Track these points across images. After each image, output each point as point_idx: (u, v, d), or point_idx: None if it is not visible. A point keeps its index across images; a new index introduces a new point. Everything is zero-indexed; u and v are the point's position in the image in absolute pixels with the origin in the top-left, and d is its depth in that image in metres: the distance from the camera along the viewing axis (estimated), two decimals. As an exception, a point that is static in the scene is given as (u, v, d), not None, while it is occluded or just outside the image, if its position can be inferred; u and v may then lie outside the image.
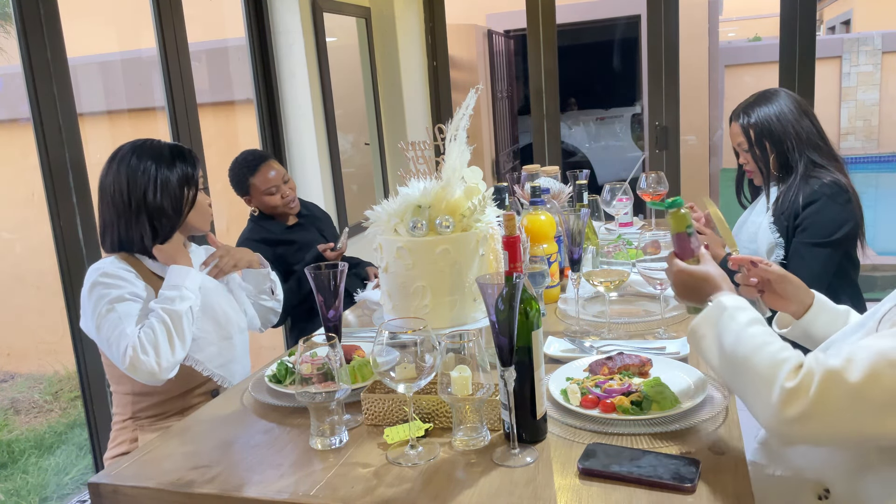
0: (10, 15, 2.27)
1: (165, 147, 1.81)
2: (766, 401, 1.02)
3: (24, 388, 3.88)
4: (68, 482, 3.29)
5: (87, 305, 1.71)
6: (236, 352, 1.89)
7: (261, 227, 2.65)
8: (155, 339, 1.63)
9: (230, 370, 1.86)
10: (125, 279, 1.72)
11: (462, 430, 1.23)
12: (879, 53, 6.72)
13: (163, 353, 1.63)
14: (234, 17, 3.47)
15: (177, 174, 1.78)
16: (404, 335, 1.19)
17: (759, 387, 1.04)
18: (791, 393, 1.00)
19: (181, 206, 1.79)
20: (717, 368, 1.16)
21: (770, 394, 1.02)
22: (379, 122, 4.39)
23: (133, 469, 1.25)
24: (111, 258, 1.77)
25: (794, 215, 2.09)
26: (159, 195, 1.75)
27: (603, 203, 2.70)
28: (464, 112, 1.54)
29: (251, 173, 2.59)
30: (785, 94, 2.19)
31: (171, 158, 1.78)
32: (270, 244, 2.58)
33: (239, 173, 2.62)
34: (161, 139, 1.85)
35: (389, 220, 1.54)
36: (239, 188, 2.65)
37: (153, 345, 1.63)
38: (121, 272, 1.73)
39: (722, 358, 1.14)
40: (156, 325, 1.64)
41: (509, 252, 1.20)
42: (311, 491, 1.12)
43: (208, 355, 1.81)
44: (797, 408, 0.99)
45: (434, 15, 4.65)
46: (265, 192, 2.59)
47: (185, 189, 1.79)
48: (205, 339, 1.80)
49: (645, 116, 5.00)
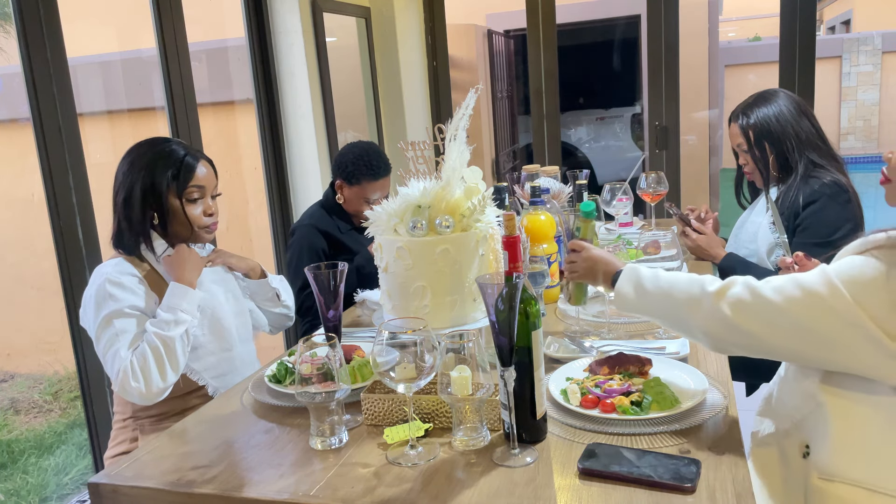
0: (10, 15, 2.27)
1: (163, 152, 1.76)
2: (698, 306, 1.21)
3: (24, 388, 3.88)
4: (68, 482, 3.28)
5: (88, 308, 1.70)
6: (235, 363, 1.86)
7: (330, 218, 2.54)
8: (146, 366, 1.62)
9: (227, 381, 1.83)
10: (127, 287, 1.70)
11: (462, 430, 1.23)
12: (879, 53, 6.72)
13: (153, 380, 1.62)
14: (234, 17, 3.47)
15: (165, 181, 1.74)
16: (404, 335, 1.19)
17: (690, 297, 1.22)
18: (715, 295, 1.19)
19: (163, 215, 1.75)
20: (651, 310, 1.30)
21: (701, 297, 1.20)
22: (379, 122, 4.39)
23: (133, 469, 1.25)
24: (117, 259, 1.75)
25: (795, 215, 2.09)
26: (137, 200, 1.72)
27: (603, 203, 2.70)
28: (464, 112, 1.54)
29: (372, 177, 2.47)
30: (784, 94, 2.19)
31: (165, 165, 1.74)
32: (329, 238, 2.51)
33: (359, 167, 2.47)
34: (175, 142, 1.81)
35: (389, 220, 1.54)
36: (347, 175, 2.49)
37: (143, 371, 1.62)
38: (124, 279, 1.70)
39: (650, 300, 1.29)
40: (147, 352, 1.62)
41: (509, 252, 1.20)
42: (311, 491, 1.12)
43: (206, 365, 1.79)
44: (720, 309, 1.17)
45: (434, 15, 4.65)
46: (366, 199, 2.49)
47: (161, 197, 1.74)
48: (204, 349, 1.78)
49: (645, 116, 5.00)
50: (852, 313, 1.06)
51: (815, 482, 1.17)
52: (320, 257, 2.47)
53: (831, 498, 1.15)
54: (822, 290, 1.09)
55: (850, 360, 1.11)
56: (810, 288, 1.10)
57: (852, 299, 1.06)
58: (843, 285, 1.07)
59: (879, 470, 1.12)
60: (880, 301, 1.05)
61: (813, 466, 1.19)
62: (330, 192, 2.59)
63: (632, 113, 7.97)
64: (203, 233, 1.81)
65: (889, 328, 1.05)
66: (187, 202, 1.76)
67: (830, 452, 1.15)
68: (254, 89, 3.50)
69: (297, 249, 2.49)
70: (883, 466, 1.11)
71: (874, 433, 1.12)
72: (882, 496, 1.10)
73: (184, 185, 1.75)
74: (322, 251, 2.48)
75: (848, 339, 1.08)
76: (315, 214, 2.57)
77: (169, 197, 1.74)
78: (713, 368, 1.48)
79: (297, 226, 2.57)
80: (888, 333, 1.05)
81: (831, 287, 1.08)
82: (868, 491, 1.11)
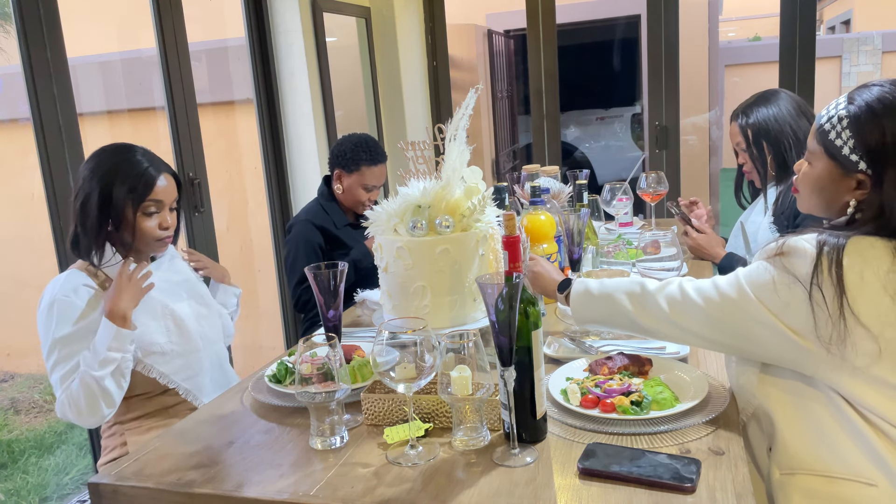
0: (10, 15, 2.27)
1: (125, 162, 1.73)
2: (641, 301, 1.31)
3: (24, 388, 3.88)
4: (68, 482, 3.28)
5: (39, 322, 1.69)
6: (203, 365, 1.84)
7: (326, 214, 2.54)
8: (78, 401, 1.63)
9: (197, 383, 1.82)
10: (75, 306, 1.68)
11: (462, 430, 1.23)
12: (879, 53, 6.71)
13: (85, 414, 1.64)
14: (234, 17, 3.47)
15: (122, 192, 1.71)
16: (404, 335, 1.19)
17: (631, 295, 1.32)
18: (657, 288, 1.30)
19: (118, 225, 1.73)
20: (599, 316, 1.38)
21: (643, 295, 1.31)
22: (379, 122, 4.39)
23: (133, 469, 1.25)
24: (70, 272, 1.74)
25: (794, 215, 2.09)
26: (94, 208, 1.71)
27: (603, 203, 2.70)
28: (464, 112, 1.54)
29: (371, 162, 2.50)
30: (785, 94, 2.20)
31: (124, 176, 1.72)
32: (325, 233, 2.51)
33: (357, 153, 2.49)
34: (141, 152, 1.77)
35: (389, 220, 1.54)
36: (346, 163, 2.51)
37: (75, 407, 1.64)
38: (74, 298, 1.68)
39: (596, 304, 1.38)
40: (79, 390, 1.62)
41: (509, 252, 1.20)
42: (311, 491, 1.12)
43: (174, 368, 1.78)
44: (664, 296, 1.28)
45: (434, 15, 4.65)
46: (363, 186, 2.51)
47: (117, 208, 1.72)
48: (173, 352, 1.78)
49: (645, 116, 4.99)
50: (758, 311, 1.18)
51: (777, 477, 1.22)
52: (317, 252, 2.47)
53: (794, 490, 1.19)
54: (732, 292, 1.22)
55: (769, 354, 1.22)
56: (723, 290, 1.23)
57: (756, 299, 1.19)
58: (748, 287, 1.20)
59: (831, 456, 1.17)
60: (777, 301, 1.17)
61: (774, 463, 1.24)
62: (324, 188, 2.60)
63: (632, 113, 7.97)
64: (155, 245, 1.80)
65: (791, 325, 1.16)
66: (143, 215, 1.74)
67: (786, 446, 1.21)
68: (254, 89, 3.50)
69: (294, 245, 2.50)
70: (833, 453, 1.16)
71: (819, 423, 1.18)
72: (840, 481, 1.15)
73: (141, 198, 1.73)
74: (319, 246, 2.49)
75: (760, 335, 1.20)
76: (311, 210, 2.57)
77: (125, 208, 1.72)
78: (713, 368, 1.48)
79: (293, 222, 2.58)
80: (791, 329, 1.16)
81: (739, 289, 1.21)
82: (826, 478, 1.16)
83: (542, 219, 1.97)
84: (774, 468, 1.24)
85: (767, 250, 1.23)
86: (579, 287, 1.42)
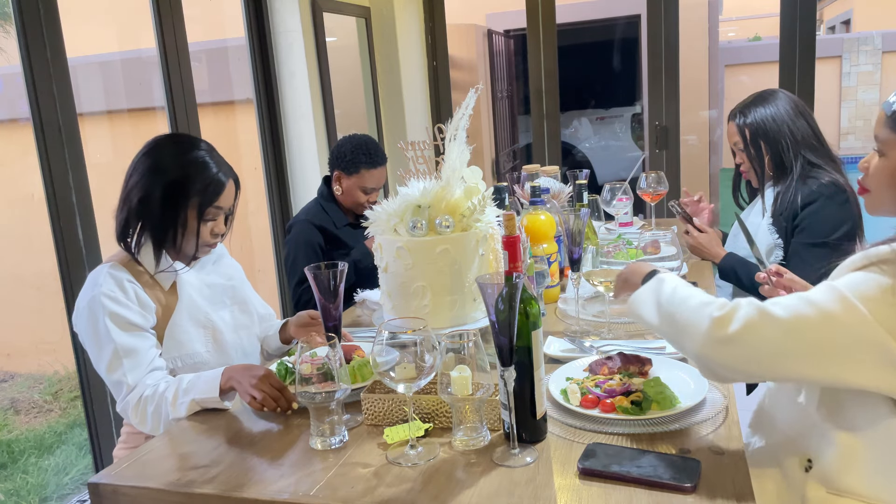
0: (10, 15, 2.27)
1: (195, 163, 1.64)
2: (697, 329, 1.11)
3: (24, 388, 3.88)
4: (68, 482, 3.28)
5: (81, 318, 1.60)
6: None
7: (326, 214, 2.54)
8: (144, 412, 1.53)
9: None
10: (122, 303, 1.58)
11: (462, 430, 1.23)
12: (879, 53, 6.71)
13: (147, 425, 1.54)
14: (234, 17, 3.47)
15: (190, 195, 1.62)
16: (404, 335, 1.19)
17: (691, 320, 1.13)
18: (718, 320, 1.09)
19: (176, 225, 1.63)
20: (656, 323, 1.22)
21: (700, 323, 1.11)
22: (379, 122, 4.39)
23: (133, 469, 1.25)
24: (111, 264, 1.63)
25: (793, 216, 2.09)
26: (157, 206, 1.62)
27: (603, 203, 2.70)
28: (463, 112, 1.54)
29: (370, 165, 2.49)
30: (783, 94, 2.20)
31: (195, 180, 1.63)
32: (325, 233, 2.50)
33: (357, 155, 2.48)
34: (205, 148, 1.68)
35: (389, 220, 1.54)
36: (346, 165, 2.50)
37: (141, 415, 1.53)
38: (119, 293, 1.59)
39: (659, 312, 1.20)
40: (149, 404, 1.52)
41: (509, 252, 1.20)
42: (311, 491, 1.12)
43: None
44: (723, 331, 1.07)
45: (434, 15, 4.65)
46: (362, 188, 2.51)
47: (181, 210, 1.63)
48: (208, 364, 1.69)
49: (645, 116, 5.00)
50: (871, 330, 1.02)
51: (818, 494, 1.16)
52: (317, 252, 2.47)
53: None
54: (834, 307, 1.04)
55: (857, 377, 1.05)
56: (822, 305, 1.04)
57: (871, 316, 1.02)
58: (859, 301, 1.03)
59: (885, 485, 1.11)
60: (892, 317, 1.01)
61: (818, 480, 1.17)
62: (324, 188, 2.60)
63: (632, 113, 7.97)
64: (202, 251, 1.72)
65: None
66: (203, 221, 1.64)
67: (840, 468, 1.13)
68: (254, 89, 3.50)
69: (293, 245, 2.50)
70: (888, 482, 1.11)
71: (879, 449, 1.11)
72: None
73: (207, 204, 1.63)
74: (319, 246, 2.49)
75: (861, 357, 1.03)
76: (311, 210, 2.57)
77: (189, 216, 1.63)
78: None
79: (293, 222, 2.58)
80: None
81: (846, 304, 1.03)
82: None
83: (542, 219, 1.97)
84: (815, 485, 1.17)
85: (867, 256, 1.07)
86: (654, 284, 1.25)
